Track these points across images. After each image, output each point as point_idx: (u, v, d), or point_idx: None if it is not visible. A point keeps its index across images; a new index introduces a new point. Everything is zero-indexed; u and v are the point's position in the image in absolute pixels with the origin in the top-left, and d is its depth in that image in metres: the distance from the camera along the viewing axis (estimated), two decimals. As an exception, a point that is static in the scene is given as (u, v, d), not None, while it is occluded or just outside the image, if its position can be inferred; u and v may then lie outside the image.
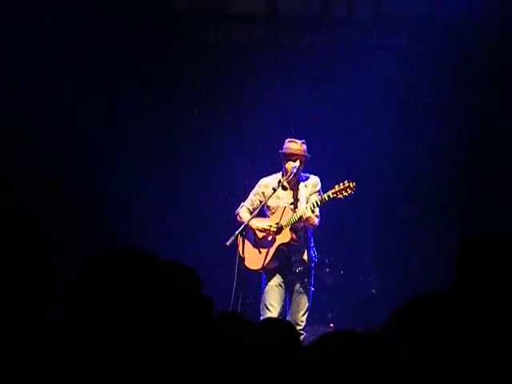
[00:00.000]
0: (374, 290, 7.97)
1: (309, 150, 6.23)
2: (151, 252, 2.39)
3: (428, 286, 6.75)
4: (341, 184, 5.98)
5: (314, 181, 6.27)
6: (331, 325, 7.39)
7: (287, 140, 6.24)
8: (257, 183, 6.40)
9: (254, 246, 6.25)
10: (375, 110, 7.97)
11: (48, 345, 2.04)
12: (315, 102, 8.03)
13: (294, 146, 6.18)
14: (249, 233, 6.23)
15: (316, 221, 6.12)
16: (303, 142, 6.21)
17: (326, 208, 6.29)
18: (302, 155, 6.16)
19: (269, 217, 6.31)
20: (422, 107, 7.95)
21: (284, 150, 6.21)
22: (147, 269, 2.16)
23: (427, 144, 7.86)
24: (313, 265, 6.27)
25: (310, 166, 6.30)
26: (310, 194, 6.20)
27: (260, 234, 6.24)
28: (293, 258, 6.19)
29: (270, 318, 5.32)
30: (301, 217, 6.03)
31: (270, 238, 6.20)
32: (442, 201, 7.88)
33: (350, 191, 5.95)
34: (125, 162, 8.04)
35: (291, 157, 6.15)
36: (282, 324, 3.53)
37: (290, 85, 8.11)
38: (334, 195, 5.96)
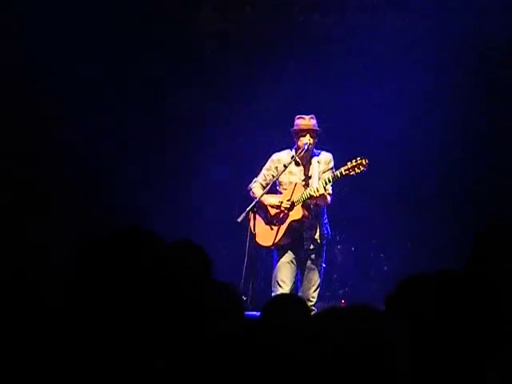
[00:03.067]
0: (385, 267, 7.97)
1: (323, 128, 6.27)
2: (162, 229, 2.38)
3: (439, 262, 6.74)
4: (353, 161, 5.96)
5: (327, 157, 6.26)
6: (343, 301, 7.40)
7: (296, 117, 6.28)
8: (269, 158, 6.40)
9: (265, 223, 6.24)
10: (387, 93, 7.91)
11: (49, 320, 2.04)
12: (327, 81, 8.00)
13: (303, 121, 6.22)
14: (261, 209, 6.24)
15: (329, 198, 6.12)
16: (311, 117, 6.24)
17: (339, 185, 6.27)
18: (311, 130, 6.19)
19: (281, 193, 6.29)
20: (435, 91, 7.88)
21: (294, 127, 6.25)
22: (153, 249, 2.14)
23: (443, 130, 7.80)
24: (325, 242, 6.25)
25: (322, 143, 6.31)
26: (324, 171, 6.20)
27: (272, 211, 6.23)
28: (304, 235, 6.18)
29: (281, 294, 5.33)
30: (312, 195, 6.03)
31: (281, 215, 6.19)
32: (456, 181, 7.84)
33: (362, 168, 5.93)
34: (134, 139, 8.04)
35: (301, 132, 6.19)
36: (294, 299, 3.54)
37: (301, 64, 8.09)
38: (347, 172, 5.95)
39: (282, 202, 6.15)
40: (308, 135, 6.16)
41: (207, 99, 8.20)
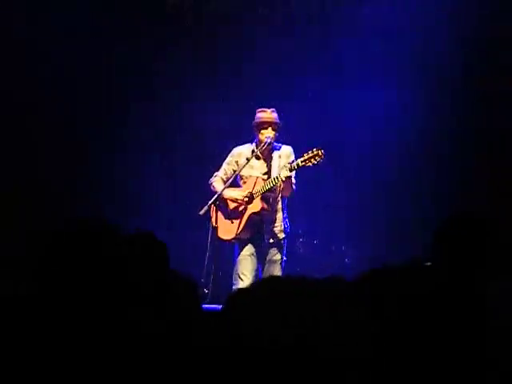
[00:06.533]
0: (346, 260, 8.00)
1: (285, 120, 6.29)
2: (122, 222, 2.37)
3: (401, 256, 6.78)
4: (309, 152, 5.97)
5: (287, 151, 6.28)
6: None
7: (257, 110, 6.29)
8: (230, 152, 6.40)
9: (226, 217, 6.25)
10: (356, 80, 7.92)
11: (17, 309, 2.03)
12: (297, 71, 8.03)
13: (264, 114, 6.23)
14: (221, 203, 6.24)
15: (293, 187, 6.09)
16: (273, 110, 6.25)
17: (301, 177, 6.29)
18: (273, 122, 6.20)
19: (241, 186, 6.30)
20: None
21: (255, 120, 6.25)
22: (113, 242, 2.13)
23: (413, 117, 7.82)
24: (285, 235, 6.28)
25: (284, 136, 6.32)
26: (284, 165, 6.20)
27: (232, 204, 6.24)
28: (265, 229, 6.20)
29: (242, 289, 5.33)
30: (272, 186, 6.06)
31: (241, 208, 6.21)
32: (419, 173, 7.87)
33: (318, 159, 5.94)
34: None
35: (263, 125, 6.20)
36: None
37: (274, 51, 8.10)
38: (303, 163, 5.96)
39: (242, 196, 6.16)
40: (270, 128, 6.18)
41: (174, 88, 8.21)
